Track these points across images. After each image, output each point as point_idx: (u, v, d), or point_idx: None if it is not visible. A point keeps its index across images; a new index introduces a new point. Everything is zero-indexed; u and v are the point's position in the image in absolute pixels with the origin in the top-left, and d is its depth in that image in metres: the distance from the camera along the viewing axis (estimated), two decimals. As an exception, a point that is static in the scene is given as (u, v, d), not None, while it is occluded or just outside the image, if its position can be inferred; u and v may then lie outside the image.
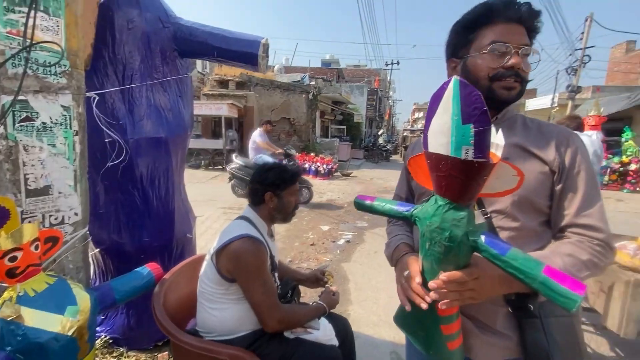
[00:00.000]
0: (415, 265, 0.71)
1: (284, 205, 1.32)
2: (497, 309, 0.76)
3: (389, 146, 19.65)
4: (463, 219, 0.57)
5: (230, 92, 12.07)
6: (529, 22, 0.76)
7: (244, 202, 1.44)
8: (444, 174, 0.56)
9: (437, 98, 0.54)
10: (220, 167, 10.79)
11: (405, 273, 0.74)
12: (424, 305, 0.65)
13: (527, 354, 0.72)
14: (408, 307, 0.70)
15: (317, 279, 1.54)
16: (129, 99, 1.63)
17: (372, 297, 2.79)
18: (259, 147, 5.76)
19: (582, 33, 13.26)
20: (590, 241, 0.70)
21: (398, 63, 27.74)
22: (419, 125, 53.64)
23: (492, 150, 0.55)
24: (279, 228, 4.44)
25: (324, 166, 10.04)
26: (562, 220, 0.74)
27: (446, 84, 0.52)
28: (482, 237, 0.57)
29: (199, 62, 14.13)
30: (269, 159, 5.76)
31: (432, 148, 0.56)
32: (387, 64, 28.47)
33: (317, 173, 10.02)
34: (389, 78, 31.92)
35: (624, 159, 9.98)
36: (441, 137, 0.53)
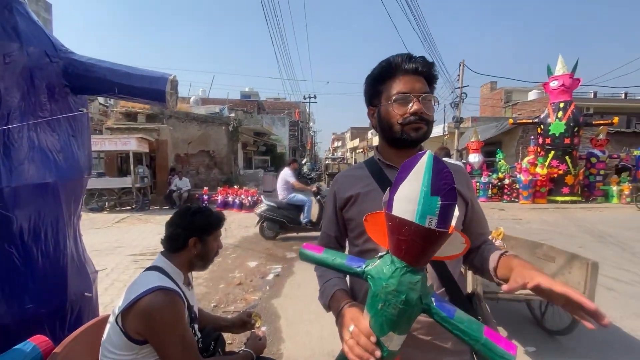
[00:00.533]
0: (362, 320, 0.68)
1: (207, 251, 1.25)
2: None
3: (313, 174, 20.27)
4: (418, 283, 0.59)
5: (139, 125, 11.10)
6: (426, 72, 0.90)
7: (159, 247, 1.28)
8: (405, 238, 0.57)
9: (408, 167, 0.56)
10: (129, 207, 9.62)
11: (351, 329, 0.70)
12: None
13: None
14: None
15: (243, 323, 1.45)
16: (4, 141, 1.38)
17: (304, 331, 2.73)
18: (293, 186, 5.93)
19: (458, 75, 16.20)
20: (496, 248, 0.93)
21: (315, 97, 29.52)
22: (339, 153, 57.07)
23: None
24: (199, 271, 4.10)
25: (249, 198, 9.80)
26: (480, 239, 0.95)
27: (420, 155, 0.56)
28: (433, 300, 0.61)
29: (100, 93, 12.76)
30: (303, 197, 5.80)
31: (396, 212, 0.57)
32: (305, 98, 30.02)
33: (241, 206, 9.70)
34: (308, 110, 33.59)
35: (500, 175, 12.19)
36: (408, 203, 0.55)
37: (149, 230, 6.66)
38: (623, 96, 25.09)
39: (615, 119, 11.97)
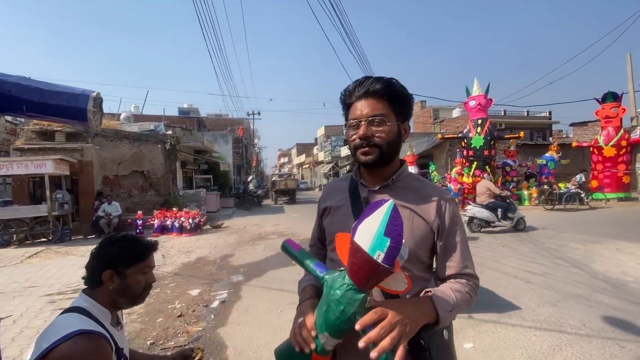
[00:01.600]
0: (310, 316, 0.81)
1: (128, 287, 1.05)
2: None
3: (259, 192, 19.86)
4: (357, 301, 0.69)
5: (58, 144, 9.82)
6: (379, 93, 0.87)
7: (82, 284, 1.11)
8: (357, 262, 0.66)
9: (374, 207, 0.67)
10: (44, 239, 8.34)
11: (300, 320, 0.82)
12: (307, 350, 0.75)
13: None
14: (297, 348, 0.77)
15: (184, 359, 1.32)
16: None
17: (253, 358, 2.59)
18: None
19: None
20: (472, 284, 0.90)
21: (259, 113, 29.33)
22: (286, 169, 56.98)
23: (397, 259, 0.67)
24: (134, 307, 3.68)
25: (190, 220, 9.20)
26: (450, 270, 0.90)
27: (384, 201, 0.66)
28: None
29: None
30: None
31: (356, 239, 0.66)
32: (248, 114, 29.64)
33: (182, 229, 9.05)
34: (252, 127, 33.14)
35: (434, 185, 13.26)
36: (366, 235, 0.65)
37: (69, 265, 5.82)
38: (526, 114, 29.49)
39: (521, 133, 14.00)
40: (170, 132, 13.17)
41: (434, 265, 0.97)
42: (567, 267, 4.80)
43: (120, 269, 1.04)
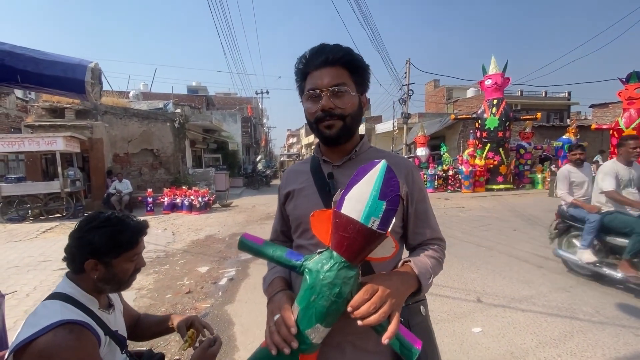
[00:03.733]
0: (288, 311, 0.72)
1: (114, 276, 0.97)
2: (369, 330, 0.79)
3: (268, 171, 19.89)
4: (352, 278, 0.64)
5: (68, 122, 9.87)
6: (340, 61, 0.82)
7: None
8: (348, 235, 0.61)
9: (363, 171, 0.61)
10: (58, 215, 8.56)
11: (276, 317, 0.73)
12: (287, 351, 0.66)
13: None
14: (274, 351, 0.68)
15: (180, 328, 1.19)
16: None
17: (259, 336, 2.60)
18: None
19: (405, 72, 16.95)
20: (441, 247, 0.92)
21: (267, 92, 28.93)
22: (294, 149, 56.76)
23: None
24: (144, 281, 3.75)
25: (200, 199, 9.28)
26: (422, 237, 0.90)
27: (375, 163, 0.61)
28: None
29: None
30: None
31: (344, 210, 0.61)
32: (257, 93, 29.26)
33: (191, 208, 9.15)
34: (261, 106, 32.80)
35: (444, 167, 13.04)
36: (357, 204, 0.60)
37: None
38: (543, 94, 28.35)
39: (538, 115, 13.46)
40: (179, 110, 13.11)
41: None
42: (580, 252, 4.68)
43: (105, 259, 0.95)
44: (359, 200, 0.59)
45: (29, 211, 8.25)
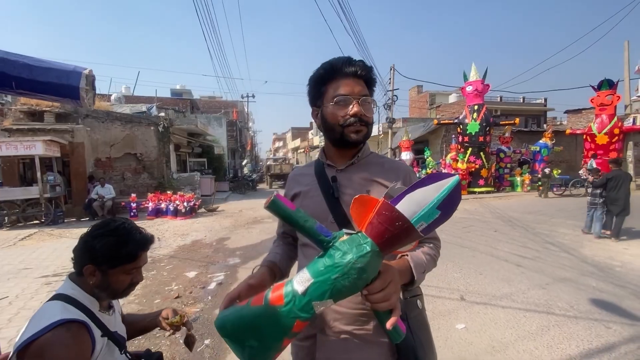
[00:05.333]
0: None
1: (109, 285, 1.00)
2: (369, 320, 0.87)
3: (254, 176, 19.78)
4: (377, 267, 0.68)
5: (47, 125, 9.57)
6: (365, 76, 0.92)
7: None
8: (393, 230, 0.62)
9: (435, 177, 0.63)
10: (37, 221, 8.26)
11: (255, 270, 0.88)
12: None
13: (400, 354, 0.87)
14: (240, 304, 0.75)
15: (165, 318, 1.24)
16: None
17: (251, 338, 2.64)
18: None
19: (389, 79, 17.30)
20: (437, 246, 0.96)
21: (254, 96, 28.83)
22: (281, 154, 56.60)
23: None
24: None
25: (185, 204, 9.15)
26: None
27: (449, 175, 0.63)
28: None
29: (-9, 87, 10.58)
30: None
31: (400, 207, 0.62)
32: (243, 97, 29.12)
33: (176, 213, 9.02)
34: (246, 110, 32.63)
35: (428, 171, 13.36)
36: (414, 205, 0.62)
37: (64, 247, 5.79)
38: (522, 100, 29.45)
39: (517, 120, 14.03)
40: (163, 114, 12.92)
41: None
42: (556, 251, 4.92)
43: (103, 267, 0.98)
44: (418, 203, 0.62)
45: (6, 218, 7.94)
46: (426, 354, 0.90)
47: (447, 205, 0.61)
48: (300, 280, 0.68)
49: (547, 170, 12.13)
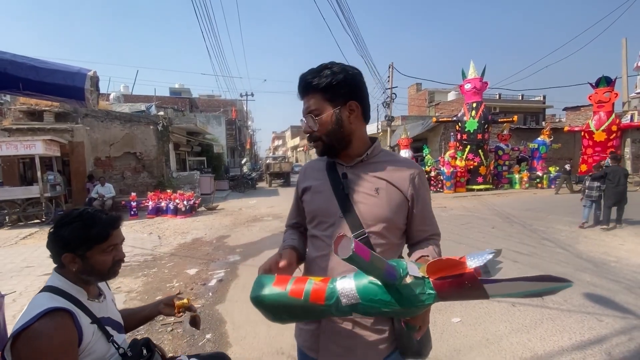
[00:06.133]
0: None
1: (92, 267, 1.03)
2: None
3: (254, 174, 19.81)
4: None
5: (47, 125, 9.60)
6: (309, 88, 0.92)
7: None
8: (463, 293, 0.66)
9: (549, 278, 0.62)
10: (38, 220, 8.31)
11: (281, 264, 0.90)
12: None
13: (400, 341, 0.93)
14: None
15: (167, 305, 1.30)
16: None
17: (251, 333, 2.71)
18: None
19: (388, 77, 17.32)
20: (439, 243, 1.02)
21: (253, 95, 28.82)
22: (280, 152, 56.64)
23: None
24: (133, 284, 3.76)
25: (185, 202, 9.20)
26: (424, 234, 1.00)
27: (565, 280, 0.62)
28: None
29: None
30: None
31: (487, 286, 0.63)
32: (241, 95, 29.12)
33: (176, 211, 9.06)
34: (246, 108, 32.62)
35: (427, 168, 13.41)
36: (506, 290, 0.63)
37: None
38: (520, 98, 29.50)
39: (515, 117, 14.07)
40: (162, 113, 12.94)
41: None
42: (552, 247, 4.99)
43: (79, 252, 1.01)
44: (511, 289, 0.62)
45: (6, 217, 7.98)
46: (425, 345, 0.96)
47: (536, 295, 0.62)
48: (345, 293, 0.71)
49: (567, 167, 12.21)
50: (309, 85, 0.92)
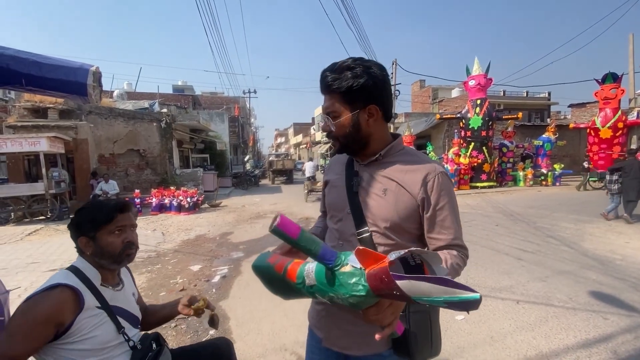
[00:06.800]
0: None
1: (103, 250, 1.11)
2: None
3: (256, 171, 19.84)
4: (371, 302, 0.69)
5: (51, 122, 9.65)
6: (329, 89, 0.90)
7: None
8: (390, 294, 0.61)
9: (453, 284, 0.58)
10: (43, 217, 8.37)
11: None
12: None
13: (394, 343, 0.91)
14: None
15: (185, 305, 1.29)
16: None
17: (254, 329, 2.71)
18: None
19: (392, 73, 17.22)
20: (461, 255, 0.91)
21: (255, 92, 28.82)
22: (283, 149, 56.64)
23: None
24: (136, 280, 3.78)
25: (188, 199, 9.24)
26: (439, 242, 0.91)
27: (471, 290, 0.58)
28: None
29: (-5, 84, 10.64)
30: None
31: (401, 284, 0.58)
32: (244, 92, 29.09)
33: (180, 208, 9.10)
34: (248, 105, 32.60)
35: (431, 166, 13.34)
36: (419, 292, 0.58)
37: (69, 242, 5.82)
38: (525, 94, 29.23)
39: (520, 114, 13.94)
40: (165, 110, 12.97)
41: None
42: (557, 245, 4.95)
43: (90, 234, 1.10)
44: (423, 291, 0.58)
45: (12, 214, 8.05)
46: (419, 349, 0.91)
47: (455, 306, 0.58)
48: (308, 274, 0.77)
49: (585, 164, 12.08)
50: (329, 86, 0.90)
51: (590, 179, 12.06)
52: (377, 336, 0.71)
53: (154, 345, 1.19)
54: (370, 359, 0.94)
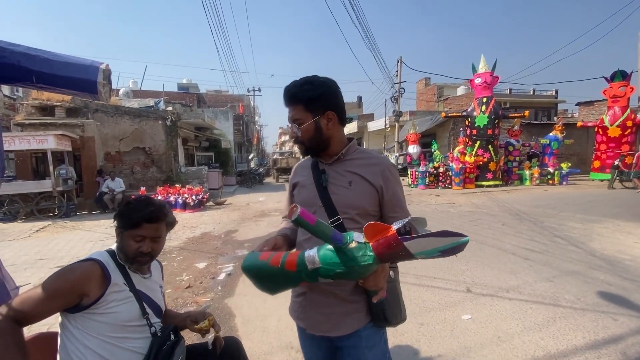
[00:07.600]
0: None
1: (122, 246, 1.19)
2: (348, 284, 1.05)
3: (261, 169, 19.89)
4: (374, 269, 0.86)
5: (58, 120, 9.74)
6: (292, 101, 1.08)
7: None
8: (396, 255, 0.78)
9: (450, 234, 0.73)
10: (50, 214, 8.47)
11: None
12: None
13: (372, 312, 1.07)
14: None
15: (193, 321, 1.34)
16: None
17: (260, 327, 2.72)
18: None
19: (397, 71, 17.12)
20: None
21: (260, 90, 28.85)
22: (287, 147, 56.68)
23: None
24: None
25: (193, 197, 9.28)
26: (394, 220, 1.05)
27: (461, 236, 0.72)
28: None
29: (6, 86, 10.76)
30: None
31: (408, 244, 0.74)
32: (249, 90, 29.14)
33: (185, 206, 9.15)
34: (253, 104, 32.65)
35: (435, 164, 13.27)
36: (420, 246, 0.74)
37: (77, 239, 5.94)
38: (532, 92, 28.92)
39: (526, 113, 13.80)
40: (170, 108, 13.02)
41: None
42: (565, 245, 4.90)
43: (121, 229, 1.19)
44: (424, 245, 0.73)
45: (20, 210, 8.16)
46: (393, 314, 1.09)
47: (447, 252, 0.74)
48: (310, 259, 0.86)
49: (616, 162, 11.87)
50: (293, 97, 1.07)
51: (618, 177, 11.62)
52: (373, 299, 0.94)
53: (172, 336, 1.22)
54: (349, 337, 1.07)
